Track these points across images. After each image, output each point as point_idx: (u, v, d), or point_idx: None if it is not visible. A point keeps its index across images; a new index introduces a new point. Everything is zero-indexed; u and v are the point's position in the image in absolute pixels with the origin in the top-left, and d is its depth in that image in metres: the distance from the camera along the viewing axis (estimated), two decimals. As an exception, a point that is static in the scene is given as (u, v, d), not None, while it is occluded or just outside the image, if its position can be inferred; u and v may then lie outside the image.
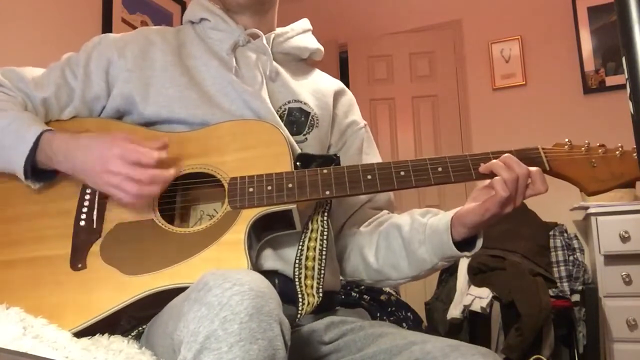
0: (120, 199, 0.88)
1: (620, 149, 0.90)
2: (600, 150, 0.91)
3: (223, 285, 0.65)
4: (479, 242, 0.93)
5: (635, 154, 0.88)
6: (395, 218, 1.05)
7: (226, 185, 0.91)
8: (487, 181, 0.90)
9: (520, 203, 0.87)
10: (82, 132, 0.94)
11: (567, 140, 0.92)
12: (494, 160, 0.88)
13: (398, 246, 0.99)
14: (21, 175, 0.91)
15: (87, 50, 1.05)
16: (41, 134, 0.91)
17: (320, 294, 0.89)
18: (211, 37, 1.09)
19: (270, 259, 0.93)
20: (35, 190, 0.94)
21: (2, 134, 0.91)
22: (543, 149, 0.92)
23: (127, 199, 0.87)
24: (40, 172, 0.92)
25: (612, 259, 2.52)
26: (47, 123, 1.00)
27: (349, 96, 1.19)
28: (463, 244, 0.93)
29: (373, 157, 1.15)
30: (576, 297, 2.49)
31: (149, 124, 1.01)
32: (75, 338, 0.78)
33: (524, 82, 3.33)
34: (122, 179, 0.86)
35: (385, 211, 1.11)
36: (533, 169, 0.87)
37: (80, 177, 0.91)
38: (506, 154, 0.89)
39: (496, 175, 0.87)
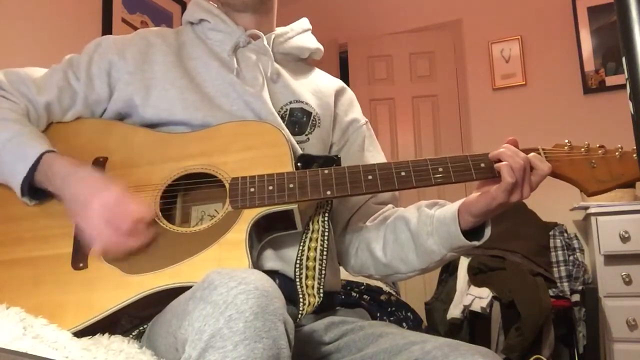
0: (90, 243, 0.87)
1: (619, 149, 0.90)
2: (600, 151, 0.91)
3: (228, 284, 0.66)
4: (487, 231, 0.93)
5: (634, 155, 0.88)
6: (401, 211, 1.04)
7: (227, 186, 0.91)
8: None
9: (528, 192, 0.88)
10: (83, 164, 0.92)
11: (566, 141, 0.93)
12: (501, 149, 0.89)
13: (406, 239, 0.99)
14: (17, 192, 0.90)
15: (88, 53, 1.05)
16: (42, 154, 0.89)
17: (322, 294, 0.89)
18: (211, 38, 1.09)
19: (270, 259, 0.93)
20: None
21: (3, 148, 0.90)
22: (543, 149, 0.92)
23: (94, 246, 0.86)
24: (36, 190, 0.92)
25: (612, 259, 2.52)
26: (49, 125, 1.01)
27: (349, 94, 1.19)
28: (471, 233, 0.93)
29: (376, 153, 1.15)
30: (576, 297, 2.49)
31: (149, 125, 1.01)
32: (75, 338, 0.78)
33: (524, 82, 3.33)
34: (96, 227, 0.84)
35: (390, 205, 1.11)
36: (530, 154, 0.89)
37: (67, 206, 0.89)
38: (506, 144, 0.90)
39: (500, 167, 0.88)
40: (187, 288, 0.75)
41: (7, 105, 0.96)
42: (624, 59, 0.45)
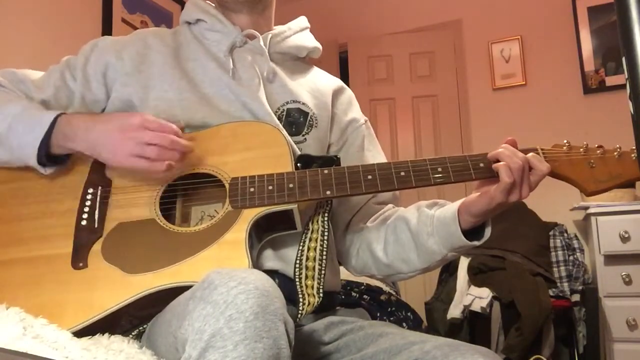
0: (140, 167, 0.89)
1: (618, 149, 0.90)
2: (598, 151, 0.91)
3: (228, 284, 0.66)
4: (488, 231, 0.94)
5: (633, 155, 0.89)
6: (401, 211, 1.05)
7: (227, 185, 0.91)
8: None
9: (527, 192, 0.88)
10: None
11: (565, 141, 0.93)
12: (500, 149, 0.90)
13: (407, 239, 0.99)
14: (33, 159, 0.91)
15: (84, 54, 1.05)
16: (58, 115, 0.92)
17: (321, 294, 0.89)
18: (208, 38, 1.09)
19: (270, 259, 0.93)
20: (37, 189, 0.94)
21: (15, 121, 0.91)
22: (542, 149, 0.92)
23: (147, 165, 0.88)
24: (51, 158, 0.93)
25: (612, 259, 2.53)
26: None
27: (347, 93, 1.18)
28: (472, 233, 0.93)
29: (376, 153, 1.14)
30: (576, 297, 2.50)
31: None
32: (75, 338, 0.78)
33: (524, 82, 3.33)
34: (143, 144, 0.88)
35: (390, 205, 1.11)
36: (529, 154, 0.89)
37: (97, 151, 0.91)
38: (504, 144, 0.91)
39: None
40: (187, 288, 0.76)
41: (10, 94, 0.98)
42: (624, 59, 0.45)
